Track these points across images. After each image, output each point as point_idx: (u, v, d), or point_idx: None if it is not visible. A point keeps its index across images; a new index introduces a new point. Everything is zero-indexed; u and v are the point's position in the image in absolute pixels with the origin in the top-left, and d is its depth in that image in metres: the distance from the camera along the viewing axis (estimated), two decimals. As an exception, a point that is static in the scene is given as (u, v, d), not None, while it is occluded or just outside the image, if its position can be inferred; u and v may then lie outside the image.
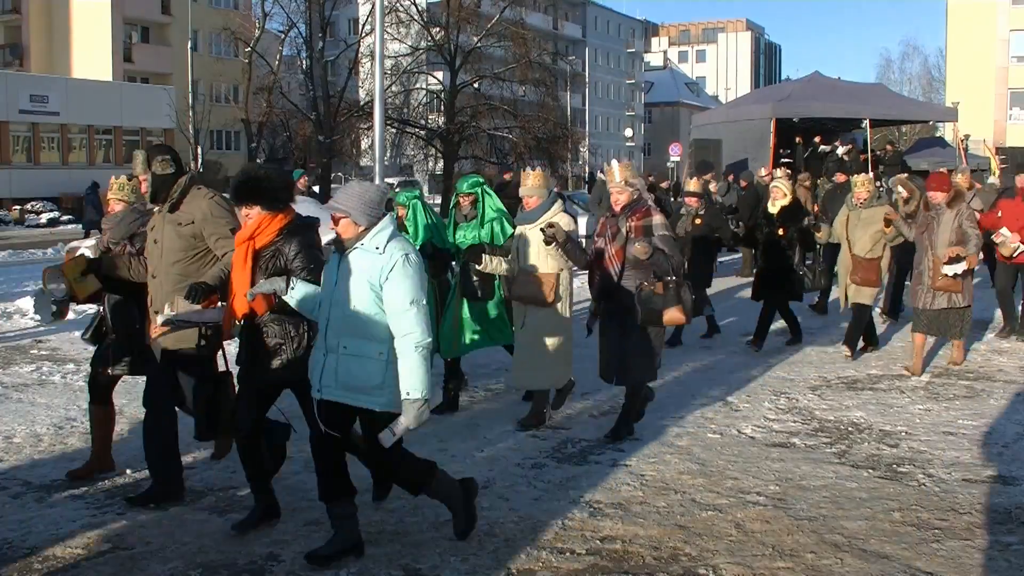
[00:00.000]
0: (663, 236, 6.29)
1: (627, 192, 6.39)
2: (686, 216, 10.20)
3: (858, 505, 5.23)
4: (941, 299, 8.37)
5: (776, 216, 9.67)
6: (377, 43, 17.27)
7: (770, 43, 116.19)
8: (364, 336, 4.32)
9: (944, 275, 8.24)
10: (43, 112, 39.39)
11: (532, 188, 6.90)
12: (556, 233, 6.32)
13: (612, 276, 6.34)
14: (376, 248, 4.32)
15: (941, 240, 8.36)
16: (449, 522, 4.95)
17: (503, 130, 40.25)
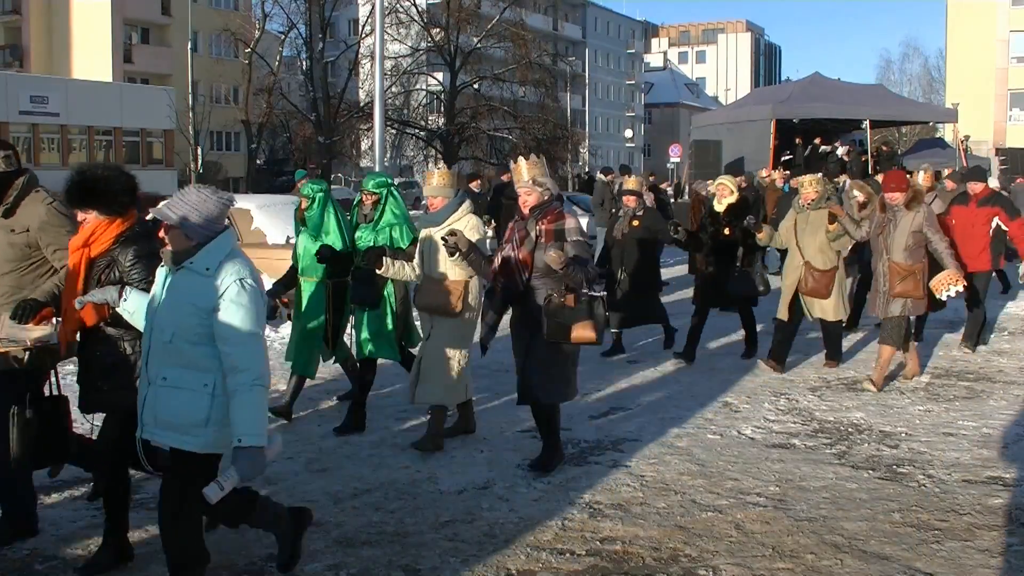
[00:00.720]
0: (577, 242, 5.65)
1: (536, 192, 5.72)
2: (623, 217, 9.53)
3: (858, 506, 5.22)
4: (895, 305, 7.90)
5: (722, 215, 9.10)
6: (377, 44, 17.31)
7: (770, 44, 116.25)
8: (187, 365, 3.73)
9: (903, 279, 7.81)
10: (43, 113, 39.38)
11: (436, 188, 6.36)
12: (458, 241, 5.73)
13: (518, 285, 5.69)
14: (206, 269, 3.73)
15: (897, 244, 7.88)
16: (451, 523, 4.96)
17: (503, 131, 40.30)
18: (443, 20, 39.57)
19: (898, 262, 7.85)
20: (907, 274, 7.83)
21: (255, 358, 3.69)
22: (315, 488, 5.56)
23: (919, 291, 7.83)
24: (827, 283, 8.41)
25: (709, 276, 9.18)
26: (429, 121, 41.86)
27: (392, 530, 4.91)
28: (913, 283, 7.84)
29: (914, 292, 7.83)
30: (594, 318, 5.55)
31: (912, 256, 7.88)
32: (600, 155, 70.15)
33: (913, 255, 7.87)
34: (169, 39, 51.69)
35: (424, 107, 42.53)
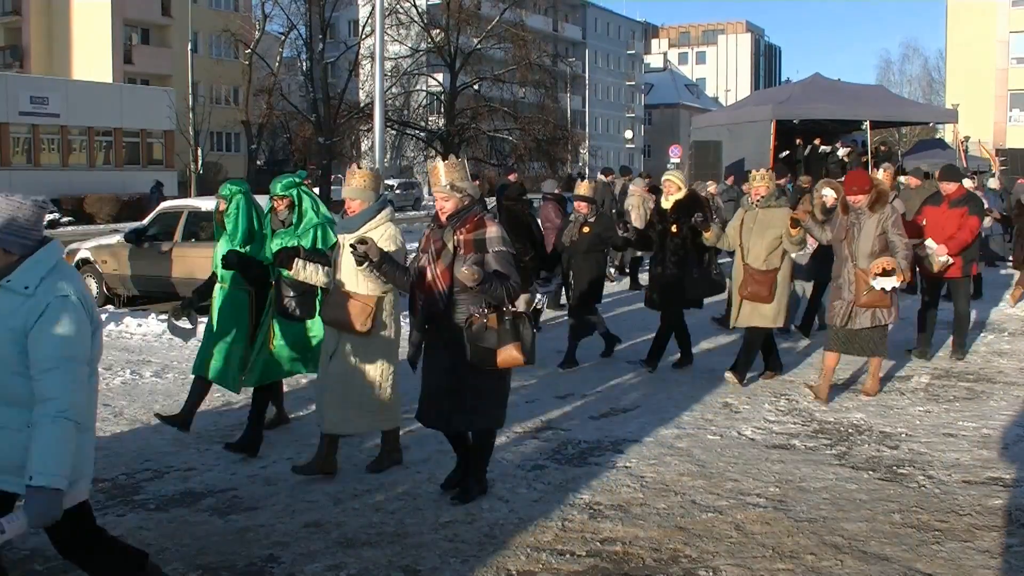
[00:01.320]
0: (500, 253, 5.07)
1: (454, 198, 5.13)
2: (573, 223, 9.07)
3: (858, 507, 5.22)
4: (864, 317, 7.37)
5: (669, 212, 8.58)
6: (377, 45, 17.31)
7: (770, 45, 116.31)
8: (10, 401, 3.28)
9: (870, 289, 7.24)
10: (43, 114, 39.40)
11: (355, 190, 5.68)
12: (368, 251, 5.16)
13: (438, 301, 5.13)
14: (25, 288, 3.26)
15: (862, 249, 7.33)
16: (451, 523, 4.95)
17: (503, 132, 40.31)
18: (443, 21, 39.57)
19: (865, 269, 7.29)
20: None
21: (65, 387, 3.21)
22: (315, 489, 5.57)
23: (885, 300, 7.30)
24: (769, 284, 7.82)
25: (657, 276, 8.71)
26: (429, 122, 41.87)
27: (392, 531, 4.91)
28: (880, 292, 7.28)
29: (881, 301, 7.30)
30: (521, 338, 5.06)
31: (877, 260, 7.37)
32: (600, 156, 70.18)
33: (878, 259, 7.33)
34: (169, 40, 51.73)
35: (424, 108, 42.54)
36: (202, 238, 12.40)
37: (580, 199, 9.13)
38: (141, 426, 7.06)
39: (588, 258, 8.99)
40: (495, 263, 5.04)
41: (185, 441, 6.58)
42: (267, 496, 5.45)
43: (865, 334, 7.48)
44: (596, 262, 9.11)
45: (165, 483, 5.73)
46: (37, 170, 39.19)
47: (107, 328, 11.01)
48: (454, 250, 5.10)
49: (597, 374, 8.72)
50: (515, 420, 7.03)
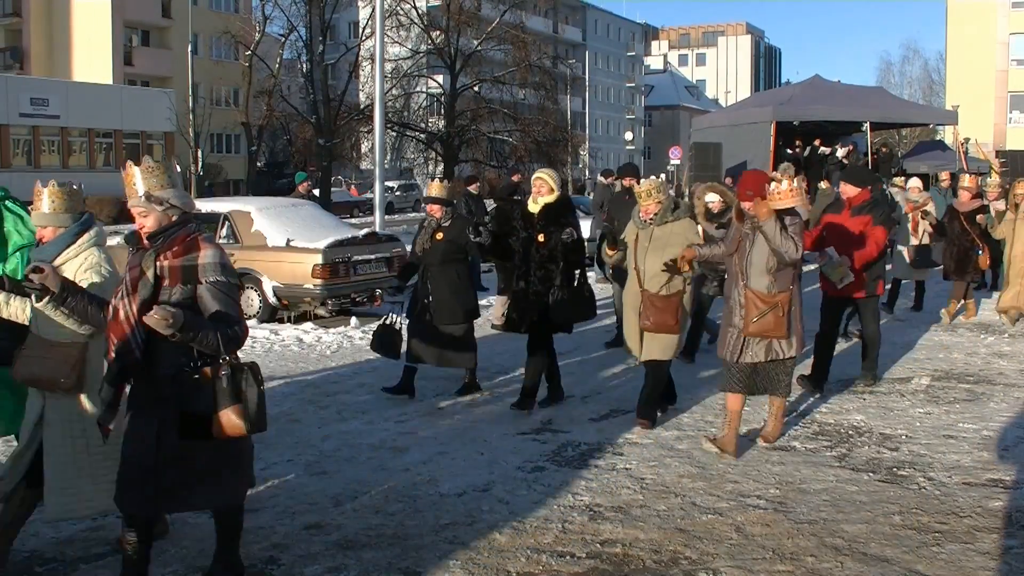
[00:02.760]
0: (216, 285, 3.89)
1: (153, 213, 3.98)
2: (424, 229, 7.94)
3: (858, 508, 5.22)
4: (757, 349, 6.10)
5: (536, 218, 7.25)
6: (377, 46, 17.34)
7: (770, 46, 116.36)
8: None
9: (762, 315, 5.99)
10: (43, 115, 39.46)
11: (43, 215, 4.49)
12: (45, 280, 4.01)
13: (132, 349, 3.89)
14: None
15: (756, 265, 6.07)
16: (451, 525, 4.95)
17: (503, 133, 40.33)
18: (443, 22, 39.61)
19: (757, 290, 6.06)
20: (767, 307, 6.02)
21: None
22: (315, 490, 5.56)
23: (781, 329, 6.02)
24: (674, 311, 6.64)
25: (520, 294, 7.31)
26: (429, 123, 41.90)
27: (392, 532, 4.91)
28: (774, 319, 6.01)
29: (775, 331, 6.02)
30: (243, 400, 3.90)
31: (777, 281, 6.07)
32: (600, 157, 70.28)
33: (778, 280, 6.07)
34: (169, 41, 51.77)
35: (424, 109, 42.57)
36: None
37: (431, 201, 7.93)
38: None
39: (446, 270, 7.76)
40: (210, 299, 3.86)
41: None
42: (267, 498, 5.45)
43: (763, 370, 6.20)
44: (457, 274, 7.83)
45: (165, 485, 5.72)
46: (37, 171, 39.17)
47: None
48: (155, 280, 3.92)
49: (597, 376, 8.71)
50: (515, 422, 7.03)
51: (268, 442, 6.54)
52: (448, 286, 7.73)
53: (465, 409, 7.54)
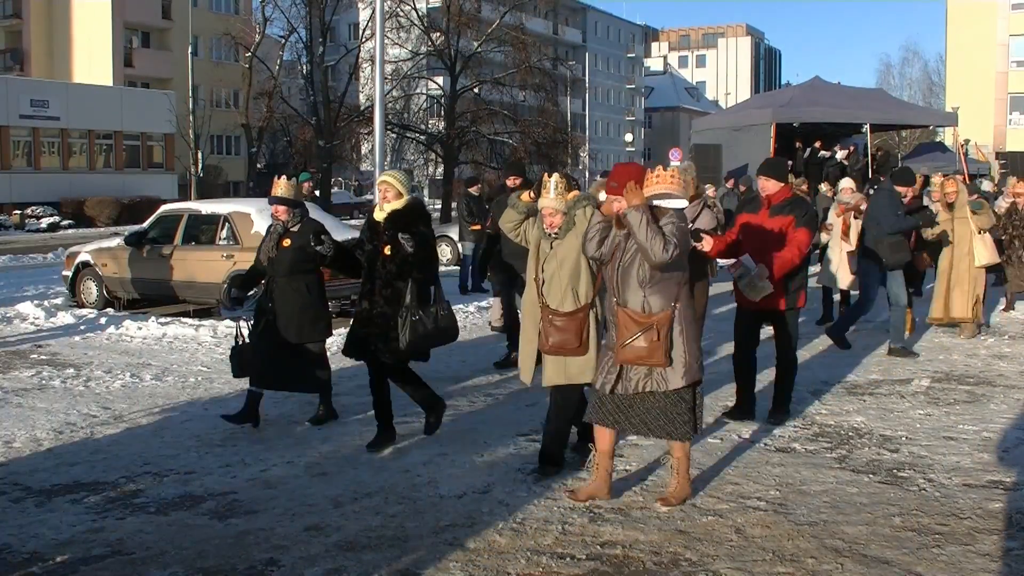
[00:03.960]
0: None
1: None
2: (270, 234, 7.11)
3: (858, 510, 5.22)
4: (633, 377, 5.11)
5: (382, 227, 6.36)
6: (377, 48, 17.33)
7: (770, 48, 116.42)
8: None
9: (630, 339, 5.02)
10: (44, 117, 39.50)
11: None
12: None
13: None
14: None
15: (633, 278, 5.07)
16: (451, 527, 4.95)
17: (503, 135, 40.32)
18: (443, 24, 39.60)
19: (630, 308, 5.08)
20: (639, 328, 5.03)
21: None
22: (315, 492, 5.56)
23: (660, 357, 4.99)
24: (577, 330, 5.55)
25: (363, 315, 6.44)
26: (429, 125, 41.91)
27: (392, 534, 4.91)
28: (648, 344, 4.99)
29: (649, 357, 5.00)
30: None
31: (653, 297, 5.05)
32: (600, 159, 70.25)
33: (655, 296, 5.05)
34: (169, 43, 51.83)
35: (424, 111, 42.58)
36: (202, 241, 12.42)
37: (276, 201, 6.99)
38: (141, 429, 7.05)
39: (293, 281, 6.90)
40: None
41: (185, 444, 6.58)
42: (267, 499, 5.45)
43: (642, 403, 5.16)
44: (306, 286, 6.95)
45: (165, 486, 5.73)
46: (38, 173, 39.27)
47: (107, 331, 11.03)
48: None
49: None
50: (515, 423, 7.02)
51: (268, 443, 6.54)
52: (296, 300, 6.87)
53: (465, 411, 7.54)
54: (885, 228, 9.35)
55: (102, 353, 9.99)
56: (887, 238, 9.40)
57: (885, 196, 9.59)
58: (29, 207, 36.08)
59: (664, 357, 5.01)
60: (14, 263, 21.90)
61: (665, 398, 5.13)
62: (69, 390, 8.33)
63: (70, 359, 9.65)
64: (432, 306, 6.38)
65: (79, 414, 7.40)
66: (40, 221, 35.29)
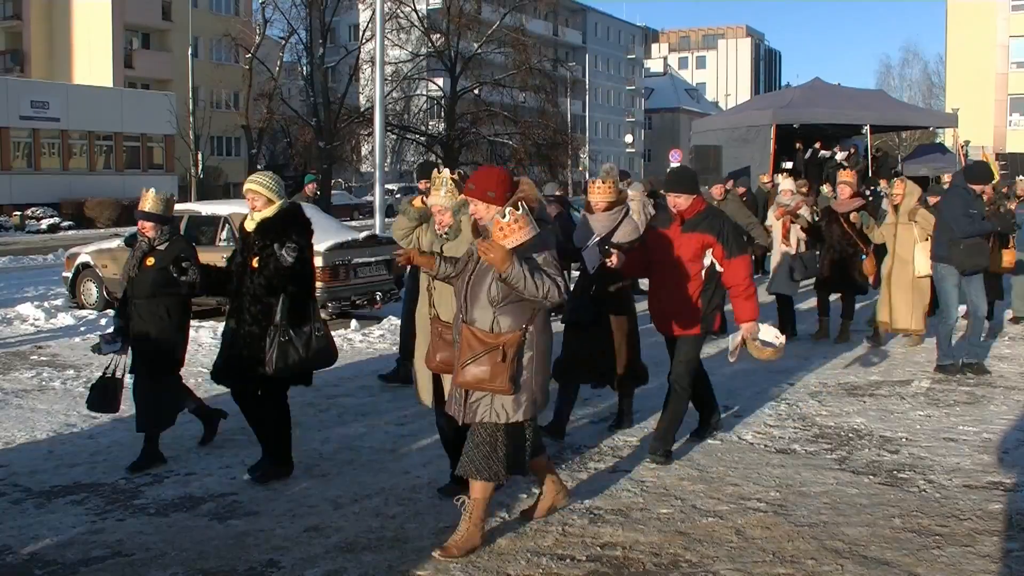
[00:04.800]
0: None
1: None
2: (133, 252, 6.41)
3: (859, 511, 5.22)
4: (473, 404, 4.53)
5: (251, 238, 5.70)
6: (378, 49, 17.35)
7: (770, 49, 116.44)
8: None
9: (472, 359, 4.44)
10: (44, 118, 39.50)
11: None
12: None
13: None
14: None
15: (483, 294, 4.50)
16: (451, 528, 4.95)
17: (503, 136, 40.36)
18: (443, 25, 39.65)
19: (477, 327, 4.50)
20: (483, 349, 4.45)
21: None
22: (315, 493, 5.56)
23: (501, 380, 4.39)
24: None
25: (229, 336, 5.80)
26: (429, 126, 41.94)
27: (392, 536, 4.91)
28: (491, 367, 4.41)
29: (491, 382, 4.40)
30: None
31: (504, 317, 4.49)
32: (600, 160, 70.19)
33: (506, 315, 4.49)
34: (170, 44, 51.83)
35: (424, 112, 42.62)
36: (202, 242, 12.40)
37: (143, 217, 6.21)
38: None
39: (155, 305, 6.13)
40: None
41: (185, 446, 6.58)
42: (267, 501, 5.45)
43: (486, 435, 4.54)
44: (168, 311, 6.16)
45: (165, 488, 5.73)
46: (38, 174, 39.27)
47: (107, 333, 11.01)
48: None
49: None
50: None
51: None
52: (154, 325, 6.13)
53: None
54: (957, 232, 8.48)
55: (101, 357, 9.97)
56: (962, 241, 8.50)
57: (957, 196, 8.69)
58: (29, 208, 36.09)
59: (508, 383, 4.44)
60: (14, 264, 21.91)
61: (496, 430, 4.53)
62: (69, 391, 8.33)
63: (70, 360, 9.65)
64: (306, 325, 5.70)
65: (79, 415, 7.39)
66: (40, 222, 35.29)
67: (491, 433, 4.54)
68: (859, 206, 10.13)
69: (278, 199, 5.74)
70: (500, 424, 4.53)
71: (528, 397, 4.55)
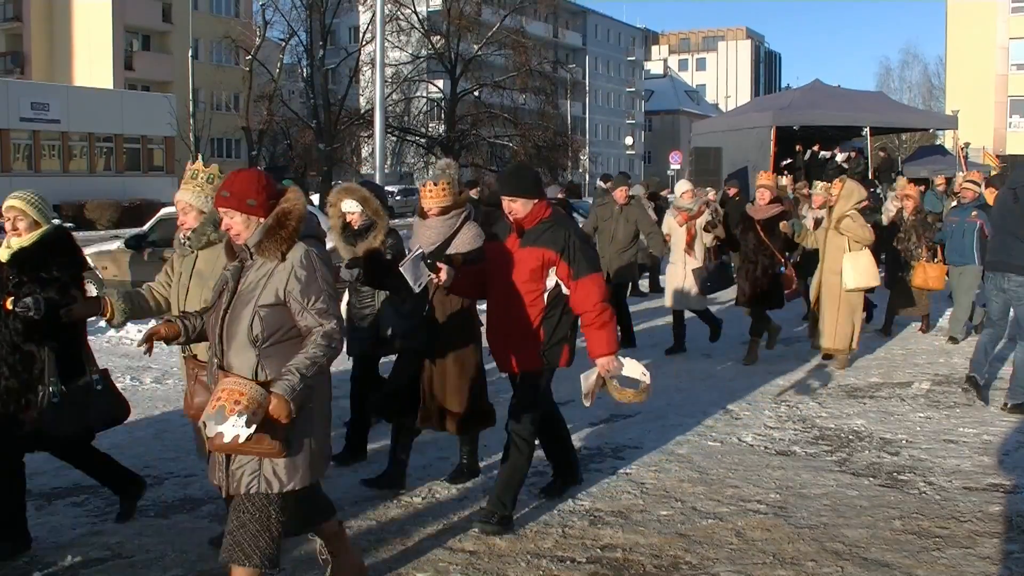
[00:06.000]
0: None
1: None
2: None
3: (859, 513, 5.22)
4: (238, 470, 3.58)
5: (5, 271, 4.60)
6: (378, 51, 17.35)
7: (770, 51, 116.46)
8: None
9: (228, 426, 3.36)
10: (44, 120, 39.49)
11: None
12: None
13: None
14: None
15: (243, 333, 3.56)
16: (450, 530, 4.95)
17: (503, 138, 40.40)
18: (443, 27, 39.68)
19: (238, 375, 3.53)
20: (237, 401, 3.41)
21: None
22: (315, 495, 5.55)
23: (270, 443, 3.45)
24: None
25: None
26: (429, 128, 42.00)
27: (392, 537, 4.90)
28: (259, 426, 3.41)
29: (260, 444, 3.44)
30: None
31: (275, 360, 3.57)
32: (600, 162, 70.29)
33: (278, 357, 3.58)
34: (170, 46, 51.86)
35: (424, 114, 42.68)
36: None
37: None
38: (141, 432, 7.05)
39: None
40: None
41: (185, 447, 6.57)
42: (267, 502, 5.44)
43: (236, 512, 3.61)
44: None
45: (165, 489, 5.73)
46: (38, 176, 39.25)
47: (107, 334, 11.01)
48: None
49: (597, 380, 8.70)
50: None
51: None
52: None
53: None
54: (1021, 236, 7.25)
55: (102, 356, 9.93)
56: None
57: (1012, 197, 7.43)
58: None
59: (279, 444, 3.49)
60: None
61: (268, 503, 3.58)
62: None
63: (70, 362, 9.62)
64: (81, 377, 4.67)
65: (79, 417, 7.38)
66: (40, 224, 35.20)
67: (261, 507, 3.57)
68: (778, 212, 9.23)
69: (46, 222, 4.64)
70: (272, 495, 3.58)
71: (305, 459, 3.62)
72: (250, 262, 3.65)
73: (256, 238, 3.59)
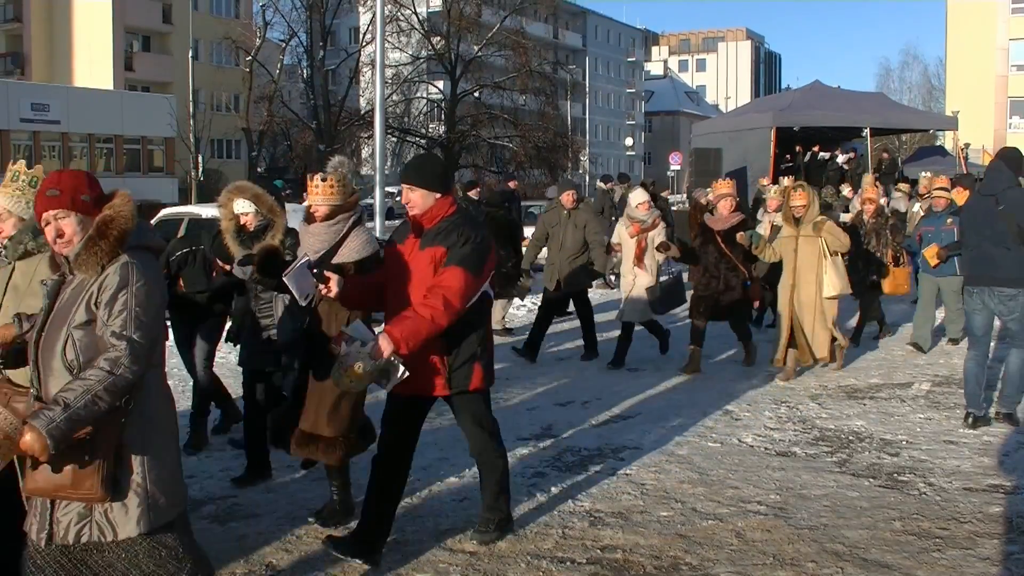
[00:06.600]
0: None
1: None
2: None
3: (859, 514, 5.22)
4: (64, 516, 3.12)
5: None
6: (378, 52, 17.35)
7: (770, 52, 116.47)
8: None
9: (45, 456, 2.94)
10: (44, 121, 39.53)
11: None
12: None
13: None
14: None
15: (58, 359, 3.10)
16: (450, 531, 4.95)
17: (503, 139, 40.41)
18: (444, 28, 39.71)
19: None
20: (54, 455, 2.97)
21: None
22: (314, 495, 5.56)
23: (92, 486, 3.01)
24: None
25: None
26: (430, 129, 42.02)
27: (392, 538, 4.89)
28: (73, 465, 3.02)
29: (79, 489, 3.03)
30: None
31: None
32: (600, 163, 70.31)
33: None
34: (170, 47, 51.87)
35: (425, 115, 42.69)
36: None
37: None
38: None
39: None
40: None
41: (184, 449, 6.57)
42: (267, 503, 5.45)
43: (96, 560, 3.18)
44: None
45: (165, 490, 5.71)
46: (38, 177, 39.23)
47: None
48: None
49: (598, 381, 8.71)
50: (516, 427, 7.02)
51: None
52: None
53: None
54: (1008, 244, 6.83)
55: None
56: None
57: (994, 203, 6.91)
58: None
59: (101, 487, 3.03)
60: (14, 267, 21.88)
61: (125, 552, 3.16)
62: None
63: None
64: None
65: (79, 418, 7.38)
66: (40, 225, 35.20)
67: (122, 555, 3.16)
68: (739, 221, 8.90)
69: None
70: (120, 541, 3.14)
71: (142, 503, 3.12)
72: (70, 277, 3.17)
73: (75, 250, 3.11)
